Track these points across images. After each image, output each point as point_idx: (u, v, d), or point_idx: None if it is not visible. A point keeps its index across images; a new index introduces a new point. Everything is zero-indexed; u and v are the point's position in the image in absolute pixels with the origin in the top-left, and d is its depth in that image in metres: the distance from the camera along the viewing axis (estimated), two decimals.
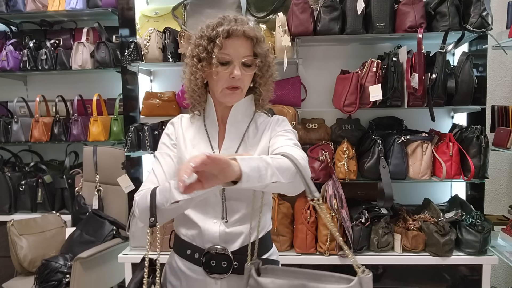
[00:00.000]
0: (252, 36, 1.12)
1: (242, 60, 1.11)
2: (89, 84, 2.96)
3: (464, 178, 2.04)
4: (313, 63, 2.47)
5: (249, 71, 1.14)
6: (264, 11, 2.35)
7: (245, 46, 1.12)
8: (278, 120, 1.23)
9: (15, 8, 2.76)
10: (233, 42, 1.10)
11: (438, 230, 1.97)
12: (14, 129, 2.79)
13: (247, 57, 1.12)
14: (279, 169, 0.92)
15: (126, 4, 2.39)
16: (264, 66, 1.16)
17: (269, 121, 1.22)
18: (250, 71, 1.14)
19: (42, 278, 2.14)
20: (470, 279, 2.01)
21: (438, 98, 2.08)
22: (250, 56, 1.13)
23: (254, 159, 0.91)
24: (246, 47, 1.12)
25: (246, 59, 1.12)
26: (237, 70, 1.10)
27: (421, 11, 2.03)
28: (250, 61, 1.13)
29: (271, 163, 0.92)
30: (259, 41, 1.13)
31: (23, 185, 2.72)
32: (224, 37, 1.09)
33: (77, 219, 2.51)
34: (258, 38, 1.13)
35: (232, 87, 1.12)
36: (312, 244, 2.04)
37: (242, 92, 1.15)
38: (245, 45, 1.12)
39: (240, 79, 1.12)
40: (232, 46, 1.10)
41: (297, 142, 1.13)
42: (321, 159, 2.05)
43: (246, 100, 1.21)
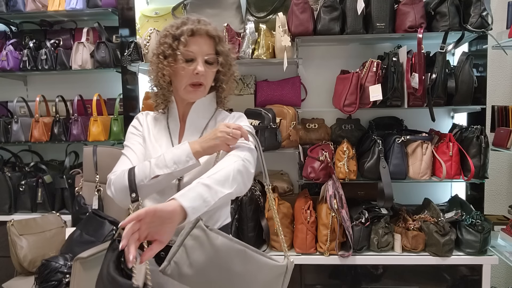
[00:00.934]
0: (215, 35, 1.21)
1: (205, 57, 1.19)
2: (89, 84, 2.96)
3: (464, 178, 2.04)
4: (313, 63, 2.47)
5: (211, 68, 1.21)
6: (264, 11, 2.35)
7: (208, 44, 1.20)
8: (235, 116, 1.29)
9: (15, 8, 2.76)
10: (196, 40, 1.18)
11: (438, 230, 1.97)
12: (14, 129, 2.79)
13: (210, 54, 1.20)
14: (219, 184, 1.00)
15: (126, 4, 2.39)
16: (226, 64, 1.24)
17: (227, 116, 1.30)
18: (212, 68, 1.22)
19: (42, 278, 2.14)
20: (470, 279, 2.01)
21: (438, 98, 2.08)
22: (212, 54, 1.21)
23: (192, 189, 0.97)
24: (209, 46, 1.20)
25: (208, 56, 1.20)
26: (200, 66, 1.18)
27: (421, 11, 2.04)
28: (213, 58, 1.21)
29: (210, 184, 0.98)
30: (221, 40, 1.22)
31: (23, 185, 2.71)
32: (189, 35, 1.17)
33: (77, 219, 2.50)
34: (220, 37, 1.22)
35: (195, 84, 1.20)
36: (312, 244, 2.04)
37: (204, 89, 1.23)
38: (208, 43, 1.20)
39: (203, 76, 1.19)
40: (196, 44, 1.18)
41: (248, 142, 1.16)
42: (321, 159, 2.06)
43: (207, 98, 1.28)
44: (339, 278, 2.07)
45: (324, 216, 2.00)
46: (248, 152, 1.12)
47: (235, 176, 1.03)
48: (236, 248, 1.02)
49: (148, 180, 1.11)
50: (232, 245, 1.01)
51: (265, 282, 1.04)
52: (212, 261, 0.98)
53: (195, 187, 0.97)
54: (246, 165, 1.08)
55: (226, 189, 1.01)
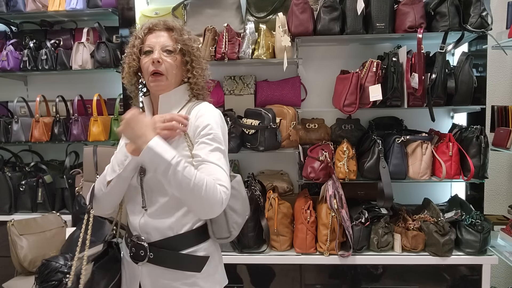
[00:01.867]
0: (171, 26, 1.26)
1: (161, 47, 1.24)
2: (89, 84, 2.96)
3: (463, 178, 2.04)
4: (313, 63, 2.47)
5: (170, 57, 1.24)
6: (264, 11, 2.36)
7: (166, 36, 1.25)
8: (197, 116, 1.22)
9: (15, 8, 2.76)
10: (155, 34, 1.26)
11: (438, 230, 1.97)
12: (14, 129, 2.79)
13: (168, 45, 1.24)
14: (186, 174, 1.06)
15: (126, 4, 2.40)
16: (187, 52, 1.25)
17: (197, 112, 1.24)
18: (172, 57, 1.24)
19: (42, 278, 2.14)
20: (470, 279, 2.01)
21: (438, 98, 2.08)
22: (170, 44, 1.24)
23: (168, 152, 1.08)
24: (168, 37, 1.25)
25: (166, 46, 1.24)
26: (155, 54, 1.22)
27: (421, 11, 2.04)
28: (171, 46, 1.24)
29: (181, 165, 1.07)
30: (178, 30, 1.26)
31: (23, 185, 2.71)
32: (146, 32, 1.26)
33: (77, 219, 2.50)
34: (176, 28, 1.26)
35: (154, 72, 1.23)
36: (312, 244, 2.04)
37: (166, 79, 1.24)
38: (166, 35, 1.25)
39: (162, 64, 1.22)
40: (154, 37, 1.25)
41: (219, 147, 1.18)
42: (321, 159, 2.06)
43: (176, 90, 1.28)
44: (339, 278, 2.07)
45: (324, 216, 2.00)
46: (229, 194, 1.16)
47: (202, 187, 1.07)
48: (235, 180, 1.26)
49: (105, 188, 1.24)
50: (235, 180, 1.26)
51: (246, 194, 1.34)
52: (241, 199, 1.27)
53: (169, 154, 1.07)
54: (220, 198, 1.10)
55: (185, 183, 1.06)
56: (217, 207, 1.10)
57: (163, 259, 1.21)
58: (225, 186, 1.12)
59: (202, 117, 1.20)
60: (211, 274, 1.24)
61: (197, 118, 1.21)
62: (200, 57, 1.29)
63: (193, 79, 1.28)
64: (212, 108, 1.26)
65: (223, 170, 1.14)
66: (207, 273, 1.23)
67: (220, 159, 1.15)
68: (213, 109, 1.25)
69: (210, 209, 1.11)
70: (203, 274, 1.21)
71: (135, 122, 1.12)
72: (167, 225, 1.20)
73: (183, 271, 1.20)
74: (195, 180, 1.07)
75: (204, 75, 1.32)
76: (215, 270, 1.26)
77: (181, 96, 1.30)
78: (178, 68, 1.26)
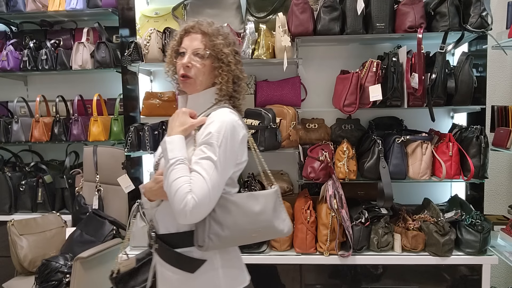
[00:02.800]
0: (205, 31, 1.28)
1: (193, 50, 1.27)
2: (89, 84, 2.96)
3: (463, 178, 2.04)
4: (313, 63, 2.47)
5: (200, 61, 1.26)
6: (264, 11, 2.36)
7: (199, 40, 1.28)
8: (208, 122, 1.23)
9: (15, 8, 2.76)
10: (190, 37, 1.29)
11: (438, 230, 1.97)
12: (14, 129, 2.79)
13: (199, 49, 1.27)
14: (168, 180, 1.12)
15: (126, 4, 2.39)
16: (217, 58, 1.27)
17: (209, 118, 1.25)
18: (201, 61, 1.26)
19: (42, 278, 2.14)
20: (470, 279, 2.01)
21: (438, 98, 2.08)
22: (201, 48, 1.27)
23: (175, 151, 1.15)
24: (201, 41, 1.27)
25: (196, 50, 1.27)
26: (185, 59, 1.26)
27: (421, 11, 2.04)
28: (201, 51, 1.26)
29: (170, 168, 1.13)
30: (211, 36, 1.27)
31: (23, 185, 2.72)
32: (182, 33, 1.31)
33: (77, 219, 2.51)
34: (209, 33, 1.27)
35: (183, 75, 1.27)
36: (312, 244, 2.04)
37: (195, 82, 1.28)
38: (200, 39, 1.28)
39: (190, 68, 1.26)
40: (189, 40, 1.29)
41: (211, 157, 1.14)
42: (321, 159, 2.06)
43: (203, 93, 1.31)
44: (339, 278, 2.07)
45: (324, 216, 2.00)
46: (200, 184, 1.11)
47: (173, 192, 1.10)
48: (245, 195, 1.22)
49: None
50: (243, 195, 1.22)
51: (273, 207, 1.24)
52: (237, 214, 1.18)
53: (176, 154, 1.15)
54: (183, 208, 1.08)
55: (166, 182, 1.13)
56: (180, 216, 1.10)
57: (163, 253, 1.27)
58: (196, 198, 1.08)
59: (210, 124, 1.19)
60: (205, 277, 1.23)
61: (207, 124, 1.21)
62: (232, 63, 1.29)
63: (219, 84, 1.29)
64: (226, 116, 1.21)
65: (204, 180, 1.10)
66: (201, 275, 1.22)
67: (206, 169, 1.12)
68: (226, 118, 1.21)
69: (176, 215, 1.11)
70: (197, 275, 1.22)
71: (176, 117, 1.24)
72: (171, 221, 1.23)
73: (177, 268, 1.23)
74: (173, 183, 1.10)
75: (237, 82, 1.33)
76: (211, 274, 1.24)
77: (208, 99, 1.30)
78: (207, 72, 1.28)
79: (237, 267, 1.33)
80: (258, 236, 1.27)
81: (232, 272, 1.29)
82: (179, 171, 1.11)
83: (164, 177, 1.15)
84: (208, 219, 1.14)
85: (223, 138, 1.16)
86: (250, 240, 1.26)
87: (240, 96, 1.36)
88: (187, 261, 1.22)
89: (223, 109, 1.25)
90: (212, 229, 1.15)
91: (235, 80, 1.32)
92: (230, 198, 1.19)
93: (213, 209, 1.14)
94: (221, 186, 1.16)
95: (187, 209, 1.07)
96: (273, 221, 1.23)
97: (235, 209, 1.19)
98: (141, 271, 1.41)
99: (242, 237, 1.22)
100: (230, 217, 1.17)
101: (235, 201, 1.19)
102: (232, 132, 1.19)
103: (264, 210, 1.22)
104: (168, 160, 1.13)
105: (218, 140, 1.15)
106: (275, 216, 1.24)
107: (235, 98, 1.34)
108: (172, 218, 1.19)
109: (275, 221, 1.24)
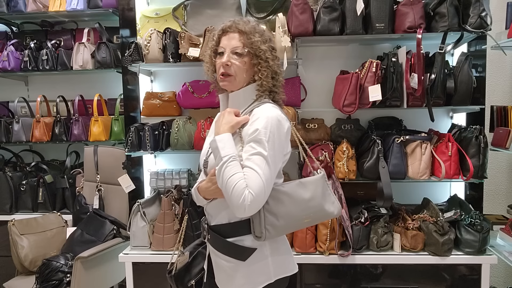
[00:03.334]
0: (242, 29, 1.31)
1: (231, 49, 1.32)
2: (90, 84, 2.97)
3: (463, 178, 2.04)
4: (313, 63, 2.48)
5: (239, 59, 1.31)
6: (264, 11, 2.36)
7: (237, 38, 1.32)
8: (253, 119, 1.28)
9: (16, 8, 2.77)
10: (228, 36, 1.33)
11: (437, 229, 1.97)
12: (15, 129, 2.80)
13: (237, 47, 1.31)
14: (221, 178, 1.19)
15: (126, 5, 2.40)
16: (255, 55, 1.31)
17: (254, 114, 1.30)
18: (240, 59, 1.31)
19: (43, 277, 2.15)
20: (469, 278, 2.02)
21: (437, 98, 2.09)
22: (240, 47, 1.31)
23: (226, 149, 1.21)
24: (239, 40, 1.32)
25: (235, 48, 1.31)
26: (224, 58, 1.31)
27: (420, 12, 2.04)
28: (240, 49, 1.31)
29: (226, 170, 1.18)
30: (248, 34, 1.31)
31: (24, 185, 2.73)
32: (220, 33, 1.35)
33: (78, 218, 2.51)
34: (246, 31, 1.31)
35: (222, 74, 1.32)
36: (311, 244, 2.05)
37: (234, 79, 1.33)
38: (238, 38, 1.32)
39: (229, 67, 1.31)
40: (226, 39, 1.33)
41: (261, 152, 1.20)
42: (320, 159, 2.06)
43: (244, 90, 1.36)
44: (338, 278, 2.08)
45: None
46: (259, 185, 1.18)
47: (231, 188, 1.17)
48: (295, 183, 1.29)
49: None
50: (292, 184, 1.29)
51: (322, 192, 1.31)
52: (289, 204, 1.26)
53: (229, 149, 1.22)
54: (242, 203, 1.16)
55: (221, 180, 1.20)
56: (238, 210, 1.17)
57: (215, 242, 1.34)
58: (252, 193, 1.15)
59: (256, 121, 1.25)
60: (256, 264, 1.30)
61: (252, 121, 1.27)
62: (269, 59, 1.33)
63: (259, 80, 1.33)
64: (270, 112, 1.27)
65: (258, 175, 1.17)
66: (252, 263, 1.29)
67: (259, 164, 1.18)
68: (270, 113, 1.26)
69: (235, 210, 1.19)
70: (248, 263, 1.29)
71: (222, 117, 1.30)
72: (223, 213, 1.32)
73: (229, 257, 1.30)
74: (229, 180, 1.17)
75: (275, 77, 1.36)
76: (261, 262, 1.31)
77: (249, 95, 1.36)
78: (246, 69, 1.33)
79: (285, 254, 1.39)
80: (311, 221, 1.33)
81: (281, 259, 1.36)
82: (233, 167, 1.18)
83: (218, 174, 1.21)
84: (262, 211, 1.22)
85: (270, 134, 1.22)
86: (303, 225, 1.35)
87: (279, 90, 1.40)
88: (238, 249, 1.29)
89: (266, 104, 1.31)
90: (268, 220, 1.23)
91: (273, 75, 1.36)
92: (282, 189, 1.26)
93: (267, 201, 1.22)
94: (273, 179, 1.23)
95: (246, 204, 1.15)
96: (323, 205, 1.30)
97: (287, 199, 1.26)
98: (193, 264, 1.51)
99: (295, 224, 1.30)
100: (283, 207, 1.25)
101: (286, 191, 1.26)
102: (278, 126, 1.25)
103: (314, 196, 1.29)
104: (221, 158, 1.20)
105: (266, 136, 1.21)
106: (324, 200, 1.31)
107: (274, 92, 1.38)
108: (223, 210, 1.31)
109: (325, 204, 1.31)
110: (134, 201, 2.24)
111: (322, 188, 1.31)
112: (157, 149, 2.27)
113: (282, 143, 1.27)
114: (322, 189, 1.31)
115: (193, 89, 2.34)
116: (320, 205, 1.30)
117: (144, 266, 2.13)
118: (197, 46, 2.19)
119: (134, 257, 2.14)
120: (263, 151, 1.19)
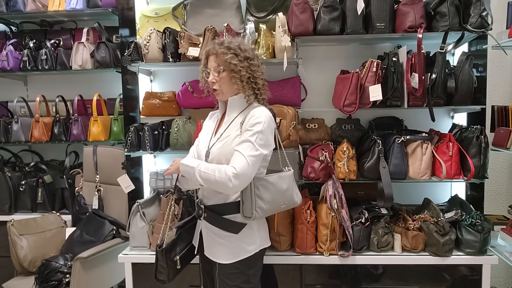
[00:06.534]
0: (216, 52, 1.61)
1: (213, 69, 1.63)
2: (89, 84, 2.96)
3: (464, 178, 2.04)
4: (313, 63, 2.47)
5: (220, 76, 1.62)
6: (264, 11, 2.36)
7: (214, 60, 1.63)
8: (249, 115, 1.61)
9: (15, 8, 2.76)
10: (210, 58, 1.65)
11: (438, 230, 1.97)
12: (14, 129, 2.80)
13: (215, 67, 1.62)
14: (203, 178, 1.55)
15: (126, 4, 2.39)
16: (229, 70, 1.60)
17: (250, 115, 1.61)
18: (221, 76, 1.62)
19: (42, 278, 2.15)
20: (470, 279, 2.02)
21: (438, 98, 2.08)
22: (216, 66, 1.62)
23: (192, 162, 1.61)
24: (215, 61, 1.63)
25: (215, 68, 1.62)
26: (210, 77, 1.64)
27: (421, 11, 2.04)
28: (217, 68, 1.62)
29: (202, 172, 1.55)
30: (220, 55, 1.60)
31: (23, 185, 2.72)
32: (205, 57, 1.67)
33: (77, 219, 2.51)
34: (219, 53, 1.60)
35: (213, 89, 1.66)
36: (312, 244, 2.04)
37: (222, 92, 1.66)
38: (214, 59, 1.63)
39: (215, 83, 1.63)
40: (210, 61, 1.65)
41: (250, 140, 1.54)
42: (321, 159, 2.06)
43: (238, 96, 1.68)
44: (339, 278, 2.07)
45: (324, 216, 2.00)
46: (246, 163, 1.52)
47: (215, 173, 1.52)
48: (277, 176, 1.63)
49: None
50: (275, 176, 1.63)
51: (293, 185, 1.70)
52: (273, 191, 1.61)
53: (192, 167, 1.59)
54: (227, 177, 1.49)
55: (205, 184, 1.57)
56: (227, 184, 1.48)
57: (212, 219, 1.66)
58: (234, 168, 1.47)
59: (253, 117, 1.58)
60: (247, 236, 1.64)
61: (250, 117, 1.59)
62: (242, 69, 1.60)
63: (242, 88, 1.63)
64: (265, 112, 1.61)
65: (243, 156, 1.50)
66: (243, 235, 1.63)
67: (246, 149, 1.52)
68: (265, 112, 1.61)
69: (224, 186, 1.50)
70: (240, 235, 1.63)
71: (175, 163, 1.71)
72: (218, 196, 1.65)
73: (224, 231, 1.63)
74: (210, 170, 1.53)
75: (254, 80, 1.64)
76: (251, 234, 1.65)
77: (242, 101, 1.67)
78: (227, 82, 1.62)
79: (266, 230, 1.77)
80: (286, 207, 1.68)
81: (264, 233, 1.74)
82: (207, 165, 1.57)
83: (199, 175, 1.55)
84: (254, 196, 1.54)
85: (262, 127, 1.55)
86: (280, 209, 1.68)
87: (261, 91, 1.68)
88: (233, 224, 1.63)
89: (261, 107, 1.65)
90: (257, 204, 1.56)
91: (251, 80, 1.63)
92: (269, 179, 1.60)
93: (258, 189, 1.56)
94: (258, 160, 1.54)
95: (231, 176, 1.47)
96: (293, 195, 1.70)
97: (272, 188, 1.60)
98: (179, 241, 1.75)
99: (276, 208, 1.65)
100: (269, 194, 1.59)
101: (272, 181, 1.61)
102: (269, 122, 1.59)
103: (288, 187, 1.66)
104: (193, 167, 1.57)
105: (259, 128, 1.54)
106: (293, 191, 1.70)
107: (257, 94, 1.67)
108: (219, 194, 1.63)
109: (294, 195, 1.70)
110: (133, 202, 2.24)
111: (293, 182, 1.70)
112: (157, 149, 2.26)
113: (269, 136, 1.59)
114: (293, 183, 1.70)
115: (192, 89, 2.34)
116: (291, 195, 1.68)
117: (143, 266, 2.13)
118: (196, 46, 2.18)
119: (133, 257, 2.13)
120: (250, 138, 1.53)
